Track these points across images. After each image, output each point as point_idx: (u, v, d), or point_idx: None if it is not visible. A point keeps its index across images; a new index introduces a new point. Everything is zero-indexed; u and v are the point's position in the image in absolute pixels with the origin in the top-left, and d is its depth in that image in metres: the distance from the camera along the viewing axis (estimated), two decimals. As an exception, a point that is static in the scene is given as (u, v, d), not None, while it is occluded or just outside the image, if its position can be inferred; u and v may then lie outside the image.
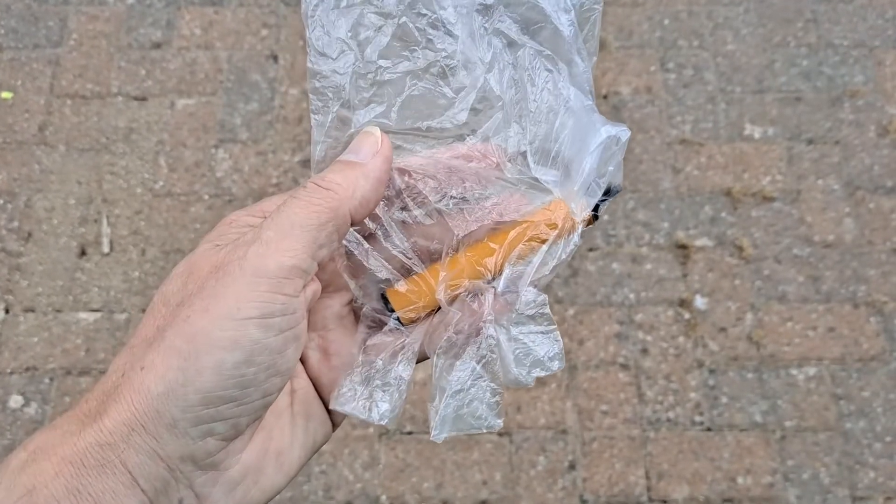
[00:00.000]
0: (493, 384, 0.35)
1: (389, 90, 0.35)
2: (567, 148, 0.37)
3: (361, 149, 0.35)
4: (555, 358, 0.35)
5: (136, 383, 0.30)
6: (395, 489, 1.25)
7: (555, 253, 0.37)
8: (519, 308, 0.36)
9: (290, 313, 0.31)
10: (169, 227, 1.45)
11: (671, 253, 1.42)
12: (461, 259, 0.36)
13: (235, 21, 1.65)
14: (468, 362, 0.35)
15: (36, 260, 1.43)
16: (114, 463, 0.29)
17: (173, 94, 1.58)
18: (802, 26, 1.64)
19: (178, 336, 0.30)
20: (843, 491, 1.25)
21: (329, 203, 0.33)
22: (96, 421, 0.29)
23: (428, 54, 0.35)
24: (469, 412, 0.35)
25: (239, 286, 0.30)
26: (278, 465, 0.34)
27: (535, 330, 0.36)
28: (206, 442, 0.30)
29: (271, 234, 0.31)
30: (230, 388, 0.30)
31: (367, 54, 0.35)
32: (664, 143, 1.52)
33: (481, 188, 0.36)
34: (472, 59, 0.36)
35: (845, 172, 1.49)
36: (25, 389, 1.32)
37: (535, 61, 0.36)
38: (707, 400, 1.31)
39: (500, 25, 0.36)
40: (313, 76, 0.35)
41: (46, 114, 1.56)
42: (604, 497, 1.25)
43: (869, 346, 1.34)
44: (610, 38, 1.62)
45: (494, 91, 0.36)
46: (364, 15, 0.35)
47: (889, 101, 1.55)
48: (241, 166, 1.51)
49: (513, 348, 0.35)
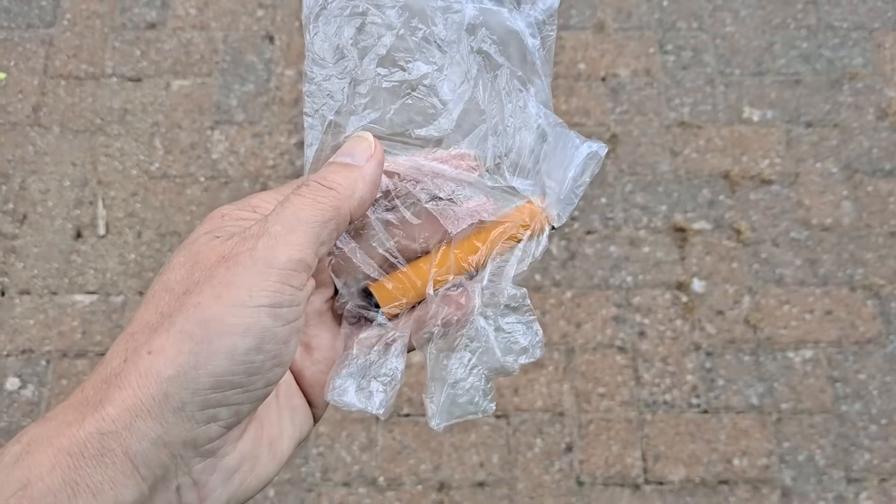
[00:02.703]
0: (485, 371, 0.37)
1: (385, 97, 0.38)
2: (543, 160, 0.40)
3: (356, 152, 0.36)
4: (537, 345, 0.38)
5: (142, 367, 0.30)
6: (393, 471, 1.26)
7: (529, 251, 0.40)
8: (504, 301, 0.38)
9: (295, 304, 0.33)
10: (165, 209, 1.44)
11: (669, 236, 1.42)
12: (450, 255, 0.39)
13: (231, 1, 1.64)
14: (462, 352, 0.37)
15: (31, 242, 1.42)
16: (115, 451, 0.29)
17: (168, 75, 1.56)
18: (802, 8, 1.62)
19: (189, 321, 0.30)
20: (838, 472, 1.26)
21: (332, 202, 0.34)
22: (97, 409, 0.29)
23: (421, 66, 0.38)
24: (467, 400, 0.37)
25: (251, 275, 0.31)
26: (272, 453, 0.35)
27: (519, 321, 0.38)
28: (209, 427, 0.31)
29: (279, 229, 0.32)
30: (239, 373, 0.31)
31: (366, 62, 0.38)
32: (662, 125, 1.51)
33: (462, 191, 0.39)
34: (459, 74, 0.39)
35: (844, 155, 1.49)
36: (22, 372, 1.31)
37: (511, 81, 0.39)
38: (704, 382, 1.31)
39: (482, 45, 0.39)
40: (308, 81, 0.38)
41: (40, 95, 1.54)
42: (600, 479, 1.25)
43: (865, 329, 1.35)
44: (608, 20, 1.61)
45: (479, 105, 0.39)
46: (366, 24, 0.38)
47: (888, 83, 1.55)
48: (238, 148, 1.50)
49: (500, 338, 0.38)
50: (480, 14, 0.39)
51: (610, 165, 1.47)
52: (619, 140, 1.50)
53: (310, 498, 1.24)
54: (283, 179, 1.46)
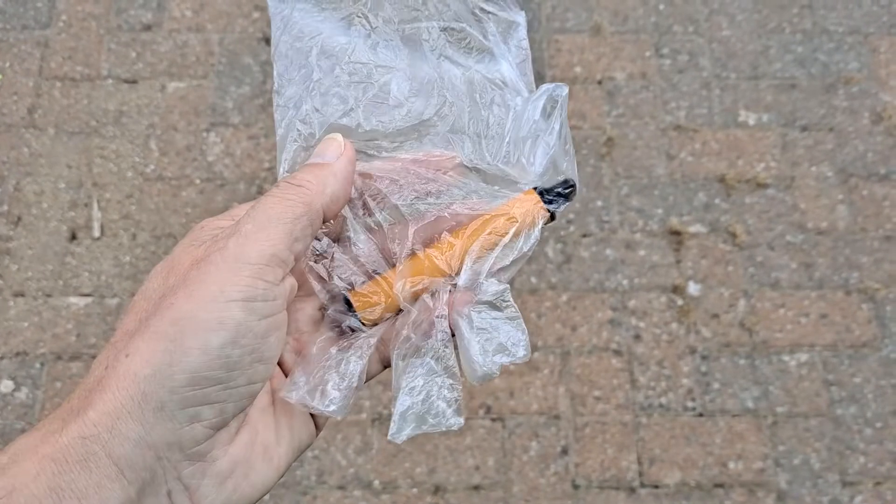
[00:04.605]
0: (449, 380, 0.35)
1: (356, 93, 0.38)
2: (514, 141, 0.38)
3: (326, 152, 0.37)
4: (518, 344, 0.35)
5: (120, 371, 0.30)
6: (388, 474, 1.26)
7: (515, 246, 0.37)
8: (480, 297, 0.36)
9: (270, 299, 0.33)
10: (160, 212, 1.44)
11: (665, 239, 1.42)
12: (421, 257, 0.37)
13: (227, 3, 1.63)
14: (423, 358, 0.35)
15: (26, 244, 1.41)
16: (98, 455, 0.29)
17: (164, 77, 1.56)
18: (797, 12, 1.63)
19: (163, 321, 0.31)
20: (833, 476, 1.26)
21: (302, 198, 0.34)
22: (79, 415, 0.29)
23: (398, 62, 0.38)
24: (427, 410, 0.34)
25: (221, 272, 0.32)
26: (266, 459, 0.35)
27: (499, 317, 0.36)
28: (192, 427, 0.31)
29: (250, 227, 0.33)
30: (216, 368, 0.31)
31: (348, 59, 0.38)
32: (658, 129, 1.52)
33: (441, 190, 0.38)
34: (430, 74, 0.39)
35: (839, 159, 1.49)
36: (16, 374, 1.31)
37: (485, 82, 0.39)
38: (699, 386, 1.31)
39: (457, 47, 0.39)
40: (276, 94, 0.39)
41: (35, 96, 1.54)
42: (596, 482, 1.25)
43: (860, 332, 1.35)
44: (605, 24, 1.61)
45: (448, 98, 0.38)
46: (352, 20, 0.38)
47: (883, 88, 1.55)
48: (233, 150, 1.49)
49: (476, 338, 0.35)
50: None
51: (606, 168, 1.48)
52: (615, 143, 1.50)
53: (305, 501, 1.24)
54: (278, 182, 1.46)
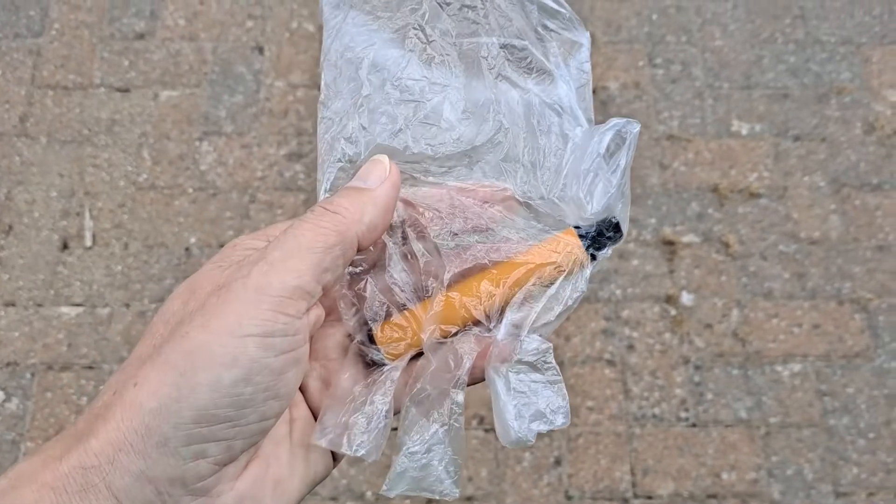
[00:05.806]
0: (450, 451, 0.33)
1: (406, 112, 0.36)
2: (572, 175, 0.36)
3: (370, 176, 0.34)
4: (558, 411, 0.32)
5: (127, 400, 0.29)
6: (381, 485, 1.25)
7: (559, 298, 0.34)
8: (520, 356, 0.33)
9: (291, 334, 0.31)
10: (152, 221, 1.43)
11: (658, 249, 1.42)
12: (456, 303, 0.34)
13: (220, 12, 1.63)
14: (432, 424, 0.33)
15: (17, 253, 1.41)
16: (98, 487, 0.28)
17: (157, 86, 1.56)
18: (790, 22, 1.64)
19: (175, 351, 0.29)
20: (826, 487, 1.26)
21: (336, 227, 0.32)
22: (82, 442, 0.29)
23: (453, 80, 0.36)
24: (426, 475, 0.33)
25: (240, 303, 0.30)
26: (276, 494, 0.33)
27: (538, 380, 0.33)
28: (197, 464, 0.29)
29: (277, 255, 0.31)
30: (225, 406, 0.29)
31: (400, 74, 0.35)
32: (651, 138, 1.52)
33: (485, 226, 0.35)
34: (486, 95, 0.36)
35: (832, 169, 1.49)
36: (6, 385, 1.30)
37: (543, 108, 0.36)
38: (692, 396, 1.31)
39: (516, 66, 0.36)
40: (322, 105, 0.35)
41: (27, 105, 1.53)
42: (589, 493, 1.25)
43: (853, 342, 1.35)
44: (598, 33, 1.62)
45: (504, 124, 0.36)
46: (408, 34, 0.35)
47: (875, 98, 1.56)
48: (226, 159, 1.49)
49: (512, 401, 0.32)
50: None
51: (599, 178, 1.48)
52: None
53: (297, 513, 1.23)
54: (271, 191, 1.46)
